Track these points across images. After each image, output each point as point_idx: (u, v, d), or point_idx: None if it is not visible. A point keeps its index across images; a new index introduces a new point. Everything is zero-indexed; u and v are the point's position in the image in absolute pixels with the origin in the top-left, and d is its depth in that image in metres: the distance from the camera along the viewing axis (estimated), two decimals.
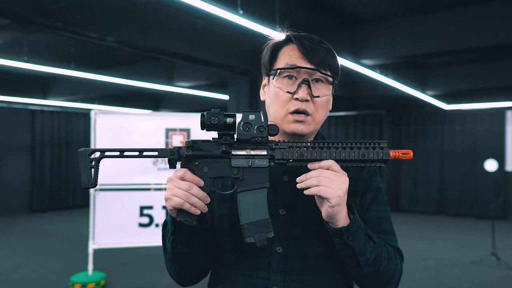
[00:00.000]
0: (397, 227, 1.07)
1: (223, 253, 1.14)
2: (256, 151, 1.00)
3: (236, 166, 1.01)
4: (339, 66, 1.17)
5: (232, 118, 0.97)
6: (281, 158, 0.99)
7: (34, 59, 6.11)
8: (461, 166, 10.17)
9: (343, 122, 11.86)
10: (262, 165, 1.00)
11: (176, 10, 4.62)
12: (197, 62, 6.05)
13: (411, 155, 0.99)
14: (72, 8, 4.25)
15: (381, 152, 0.99)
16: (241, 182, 1.00)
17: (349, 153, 0.99)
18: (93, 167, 1.01)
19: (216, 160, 1.01)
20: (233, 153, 1.01)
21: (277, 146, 1.00)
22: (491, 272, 5.51)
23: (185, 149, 1.01)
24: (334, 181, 0.95)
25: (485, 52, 6.49)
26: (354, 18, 5.76)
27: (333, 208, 0.95)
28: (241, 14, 3.74)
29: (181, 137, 4.84)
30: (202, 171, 1.01)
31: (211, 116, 0.97)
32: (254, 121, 0.99)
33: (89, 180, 1.01)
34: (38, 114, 10.49)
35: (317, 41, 1.12)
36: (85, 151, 1.01)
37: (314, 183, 0.95)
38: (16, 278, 5.13)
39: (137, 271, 5.40)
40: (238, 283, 1.09)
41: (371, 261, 1.01)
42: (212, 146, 1.01)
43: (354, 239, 0.98)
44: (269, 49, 1.16)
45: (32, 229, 8.31)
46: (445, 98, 9.18)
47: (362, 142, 1.00)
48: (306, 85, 1.08)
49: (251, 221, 0.98)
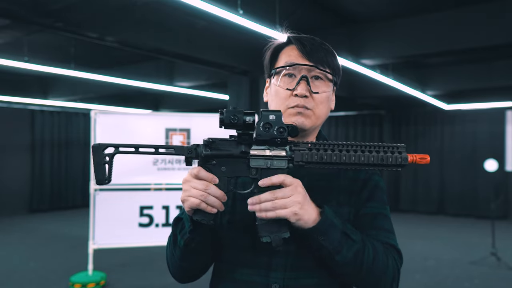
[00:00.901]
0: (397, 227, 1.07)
1: (224, 251, 1.14)
2: (275, 151, 0.99)
3: (254, 167, 0.99)
4: (340, 66, 1.18)
5: (252, 117, 0.96)
6: (300, 160, 0.98)
7: (34, 59, 6.11)
8: (461, 166, 10.17)
9: (343, 122, 11.86)
10: (281, 167, 0.99)
11: (176, 10, 4.63)
12: (197, 62, 6.05)
13: (428, 160, 0.99)
14: (72, 8, 4.25)
15: (399, 157, 0.97)
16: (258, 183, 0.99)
17: (369, 157, 0.97)
18: (107, 163, 0.98)
19: (234, 160, 1.00)
20: (252, 153, 0.99)
21: (297, 147, 0.99)
22: (491, 272, 5.51)
23: (203, 148, 1.00)
24: (287, 198, 0.94)
25: (485, 52, 6.49)
26: (354, 18, 5.76)
27: (296, 223, 0.96)
28: (241, 14, 3.75)
29: (181, 137, 4.84)
30: (219, 170, 1.00)
31: (231, 114, 0.96)
32: (274, 122, 0.98)
33: (104, 176, 0.98)
34: (38, 114, 10.49)
35: (317, 42, 1.14)
36: (99, 146, 0.99)
37: (269, 207, 0.94)
38: (16, 278, 5.13)
39: (137, 271, 5.40)
40: (239, 281, 1.09)
41: (350, 259, 0.99)
42: (230, 145, 1.00)
43: (326, 238, 0.97)
44: (270, 51, 1.18)
45: (32, 229, 8.31)
46: (445, 98, 9.18)
47: (380, 146, 0.99)
48: (305, 82, 1.09)
49: (267, 221, 0.97)
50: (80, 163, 11.14)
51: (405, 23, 5.55)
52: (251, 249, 1.09)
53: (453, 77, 7.98)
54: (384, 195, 1.16)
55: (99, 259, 5.36)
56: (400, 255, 1.12)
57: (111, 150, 0.99)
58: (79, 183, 11.04)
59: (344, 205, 1.11)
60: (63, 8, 4.17)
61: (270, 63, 1.18)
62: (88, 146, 5.20)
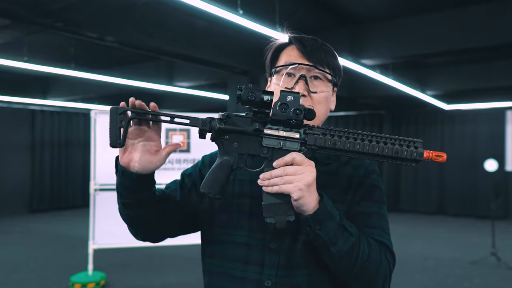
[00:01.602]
0: (397, 227, 1.07)
1: (217, 247, 1.14)
2: (289, 133, 0.98)
3: (266, 146, 0.99)
4: (341, 67, 1.18)
5: (270, 96, 0.95)
6: (313, 144, 0.98)
7: (34, 59, 6.11)
8: (461, 166, 10.17)
9: (343, 122, 11.86)
10: (293, 149, 0.98)
11: (176, 10, 4.62)
12: (197, 62, 6.05)
13: (444, 158, 0.96)
14: (72, 8, 4.25)
15: (415, 151, 0.96)
16: (269, 162, 0.99)
17: (383, 148, 0.96)
18: (122, 127, 0.98)
19: (247, 137, 1.00)
20: (266, 132, 0.98)
21: (311, 131, 0.99)
22: (491, 272, 5.51)
23: (218, 121, 0.99)
24: (297, 175, 0.94)
25: (485, 52, 6.49)
26: (354, 18, 5.76)
27: (297, 202, 0.94)
28: (241, 14, 3.75)
29: (181, 137, 4.84)
30: (231, 145, 1.00)
31: (249, 91, 0.95)
32: (291, 103, 0.97)
33: (117, 140, 0.97)
34: (38, 114, 10.50)
35: (318, 43, 1.14)
36: (117, 109, 0.98)
37: (277, 182, 0.95)
38: (16, 278, 5.13)
39: (137, 271, 5.40)
40: (231, 277, 1.09)
41: (345, 252, 0.98)
42: (245, 122, 1.00)
43: (322, 228, 0.96)
44: (271, 51, 1.19)
45: (32, 229, 8.31)
46: (445, 98, 9.18)
47: (396, 139, 0.97)
48: (304, 81, 1.09)
49: (273, 202, 0.96)
50: (80, 163, 11.14)
51: (405, 23, 5.55)
52: (244, 245, 1.09)
53: (453, 77, 7.98)
54: (382, 194, 1.15)
55: (99, 259, 5.36)
56: (393, 256, 1.10)
57: (129, 114, 0.99)
58: (79, 183, 11.04)
59: (339, 203, 1.10)
60: (63, 8, 4.17)
61: (271, 62, 1.19)
62: (88, 146, 5.20)
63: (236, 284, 1.08)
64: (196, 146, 4.82)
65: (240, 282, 1.08)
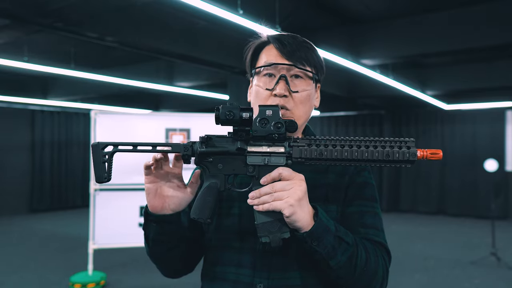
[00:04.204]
0: (397, 227, 1.07)
1: (209, 250, 1.15)
2: (272, 147, 0.96)
3: (252, 164, 0.97)
4: (323, 63, 1.16)
5: (249, 113, 0.93)
6: (299, 156, 0.95)
7: (34, 59, 6.11)
8: (461, 166, 10.17)
9: (343, 122, 11.87)
10: (279, 163, 0.96)
11: (176, 10, 4.62)
12: (197, 62, 6.04)
13: (440, 155, 0.92)
14: (72, 8, 4.25)
15: (407, 152, 0.92)
16: (256, 180, 0.97)
17: (372, 152, 0.93)
18: (106, 161, 0.98)
19: (231, 157, 0.98)
20: (249, 149, 0.97)
21: (296, 143, 0.96)
22: (491, 272, 5.51)
23: (199, 144, 0.98)
24: (286, 191, 0.92)
25: (485, 52, 6.48)
26: (355, 18, 5.75)
27: (290, 218, 0.92)
28: (241, 14, 3.74)
29: (181, 137, 4.84)
30: (216, 167, 0.99)
31: (226, 110, 0.93)
32: (271, 117, 0.95)
33: (103, 175, 0.98)
34: (38, 114, 10.50)
35: (297, 41, 1.12)
36: (98, 144, 0.99)
37: (267, 200, 0.93)
38: (16, 278, 5.13)
39: (137, 271, 5.40)
40: (224, 280, 1.10)
41: (344, 263, 0.98)
42: (227, 142, 0.98)
43: (320, 243, 0.95)
44: (251, 51, 1.17)
45: (32, 229, 8.31)
46: (445, 98, 9.18)
47: (387, 141, 0.93)
48: (284, 81, 1.08)
49: (266, 221, 0.95)
50: (80, 163, 11.14)
51: (405, 23, 5.55)
52: (236, 248, 1.09)
53: (453, 77, 7.97)
54: (373, 191, 1.14)
55: (99, 259, 5.36)
56: (388, 254, 1.10)
57: (110, 149, 0.99)
58: (79, 183, 11.04)
59: (331, 203, 1.09)
60: (63, 8, 4.17)
61: (251, 63, 1.17)
62: (88, 146, 5.20)
63: (228, 287, 1.09)
64: None
65: (232, 285, 1.08)
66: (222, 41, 5.81)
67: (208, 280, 1.15)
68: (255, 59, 1.16)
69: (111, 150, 0.99)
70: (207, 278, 1.16)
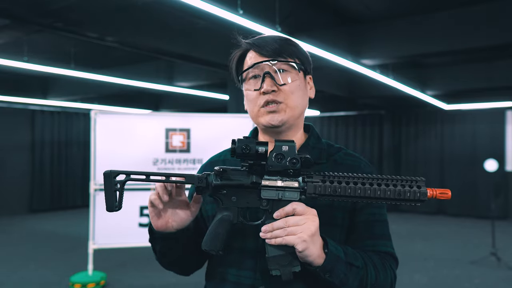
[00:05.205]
0: (397, 227, 1.08)
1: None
2: (287, 182, 0.97)
3: (265, 198, 0.98)
4: (307, 54, 1.17)
5: (264, 147, 0.95)
6: (313, 192, 0.96)
7: (34, 59, 6.11)
8: (461, 166, 10.17)
9: (343, 122, 11.86)
10: (293, 198, 0.97)
11: (176, 10, 4.62)
12: (197, 62, 6.04)
13: (449, 195, 0.96)
14: (72, 8, 4.25)
15: (418, 191, 0.95)
16: (269, 214, 0.98)
17: (385, 191, 0.95)
18: (118, 190, 0.98)
19: (245, 190, 0.99)
20: (263, 183, 0.97)
21: (310, 179, 0.97)
22: (491, 272, 5.51)
23: (213, 177, 0.99)
24: (299, 226, 0.93)
25: (485, 52, 6.48)
26: (354, 18, 5.75)
27: (302, 253, 0.93)
28: (241, 14, 3.74)
29: (181, 137, 4.84)
30: (230, 200, 1.00)
31: (243, 144, 0.95)
32: (287, 153, 0.96)
33: (114, 203, 0.98)
34: (38, 114, 10.49)
35: (270, 37, 1.14)
36: (111, 173, 0.98)
37: (280, 234, 0.94)
38: (16, 278, 5.13)
39: (137, 271, 5.40)
40: (226, 281, 1.11)
41: (356, 286, 1.01)
42: (241, 175, 0.99)
43: (332, 274, 0.97)
44: (234, 63, 1.20)
45: (32, 229, 8.31)
46: (445, 98, 9.18)
47: (398, 179, 0.96)
48: (269, 77, 1.09)
49: (278, 254, 0.95)
50: (80, 163, 11.14)
51: (405, 23, 5.54)
52: (238, 250, 1.10)
53: (453, 77, 7.98)
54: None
55: (99, 259, 5.36)
56: (396, 261, 1.12)
57: (122, 177, 0.99)
58: (79, 183, 11.04)
59: (336, 209, 1.10)
60: (63, 8, 4.17)
61: (236, 72, 1.20)
62: (88, 146, 5.20)
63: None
64: (196, 146, 4.82)
65: (234, 286, 1.09)
66: (222, 41, 5.80)
67: (211, 280, 1.17)
68: (240, 68, 1.18)
69: (123, 179, 0.99)
70: (210, 278, 1.18)
